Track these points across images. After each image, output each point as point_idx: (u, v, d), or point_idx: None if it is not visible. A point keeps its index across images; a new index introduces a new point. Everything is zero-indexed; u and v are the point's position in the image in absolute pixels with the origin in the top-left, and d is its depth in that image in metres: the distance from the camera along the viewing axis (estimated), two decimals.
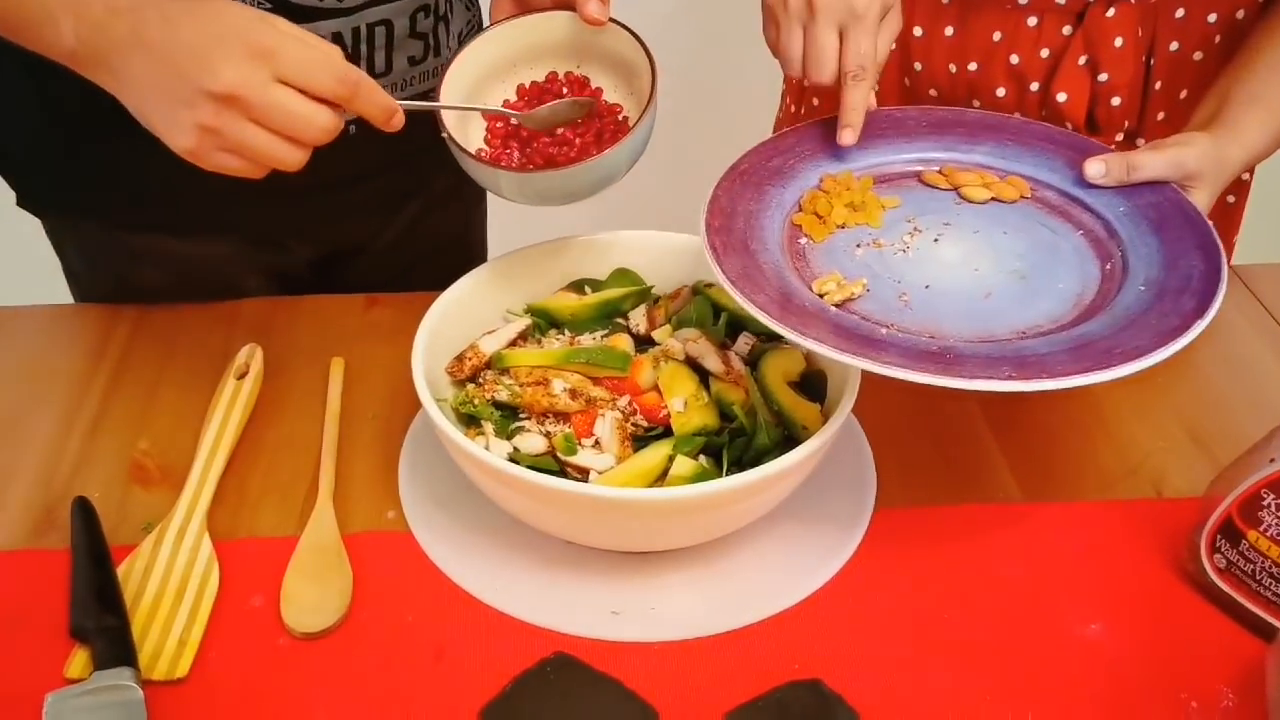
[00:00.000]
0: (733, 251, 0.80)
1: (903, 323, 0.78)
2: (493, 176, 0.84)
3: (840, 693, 0.72)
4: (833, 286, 0.79)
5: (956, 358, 0.73)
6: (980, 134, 0.95)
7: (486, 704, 0.72)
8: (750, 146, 0.92)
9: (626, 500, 0.73)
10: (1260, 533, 0.74)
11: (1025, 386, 0.69)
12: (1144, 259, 0.82)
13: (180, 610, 0.76)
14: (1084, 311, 0.79)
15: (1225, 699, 0.73)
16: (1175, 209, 0.85)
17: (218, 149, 0.71)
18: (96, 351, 0.98)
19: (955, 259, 0.84)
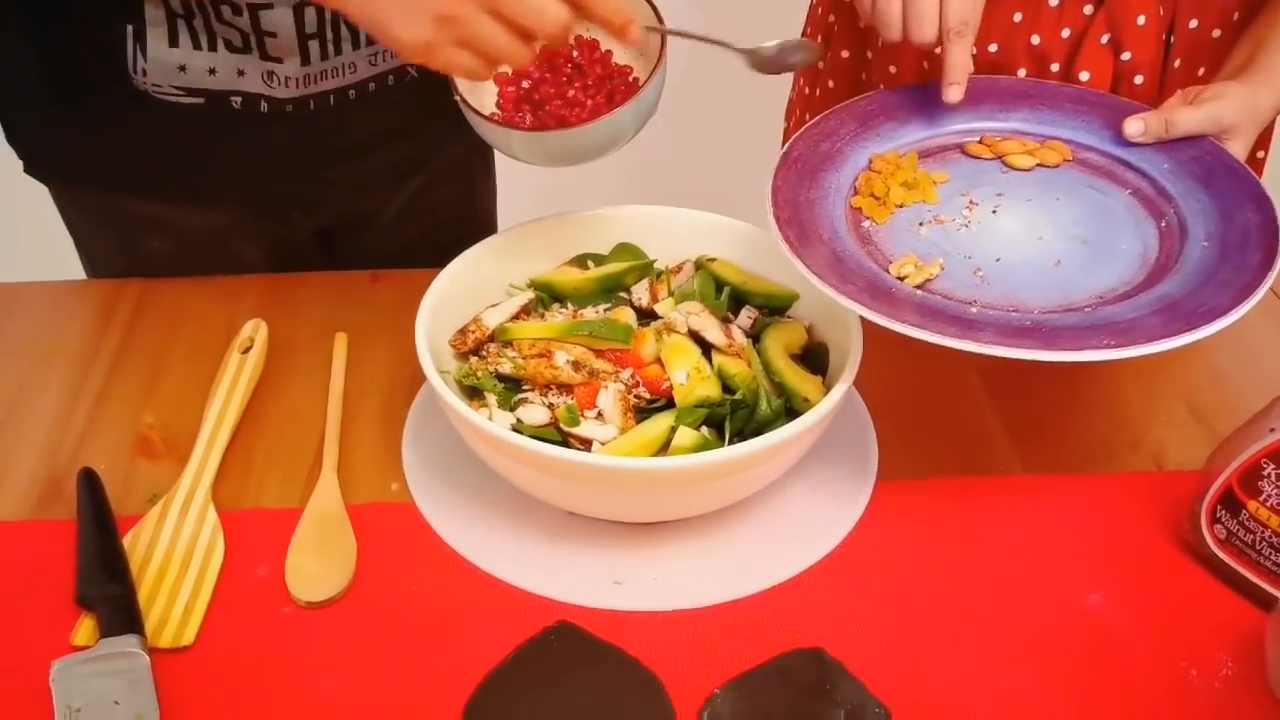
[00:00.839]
0: (809, 243, 0.80)
1: (984, 298, 0.79)
2: (505, 137, 0.84)
3: (841, 661, 0.73)
4: (911, 269, 0.81)
5: (1052, 330, 0.75)
6: (1014, 101, 0.96)
7: (490, 672, 0.72)
8: (757, 124, 0.93)
9: (629, 469, 0.73)
10: (1260, 503, 0.74)
11: (1128, 353, 0.72)
12: (1198, 214, 0.84)
13: (186, 579, 0.76)
14: (1152, 271, 0.82)
15: (1224, 668, 0.73)
16: (1219, 164, 0.88)
17: (452, 42, 0.72)
18: (101, 326, 0.98)
19: (1016, 229, 0.86)
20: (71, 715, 0.68)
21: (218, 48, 0.93)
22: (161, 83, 0.94)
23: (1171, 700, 0.72)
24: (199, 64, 0.93)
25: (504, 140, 0.84)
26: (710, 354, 0.83)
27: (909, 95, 0.95)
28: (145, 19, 0.91)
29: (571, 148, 0.83)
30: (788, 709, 0.70)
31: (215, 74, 0.94)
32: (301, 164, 1.00)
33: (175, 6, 0.90)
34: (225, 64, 0.94)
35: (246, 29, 0.91)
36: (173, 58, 0.93)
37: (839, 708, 0.70)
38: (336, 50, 0.95)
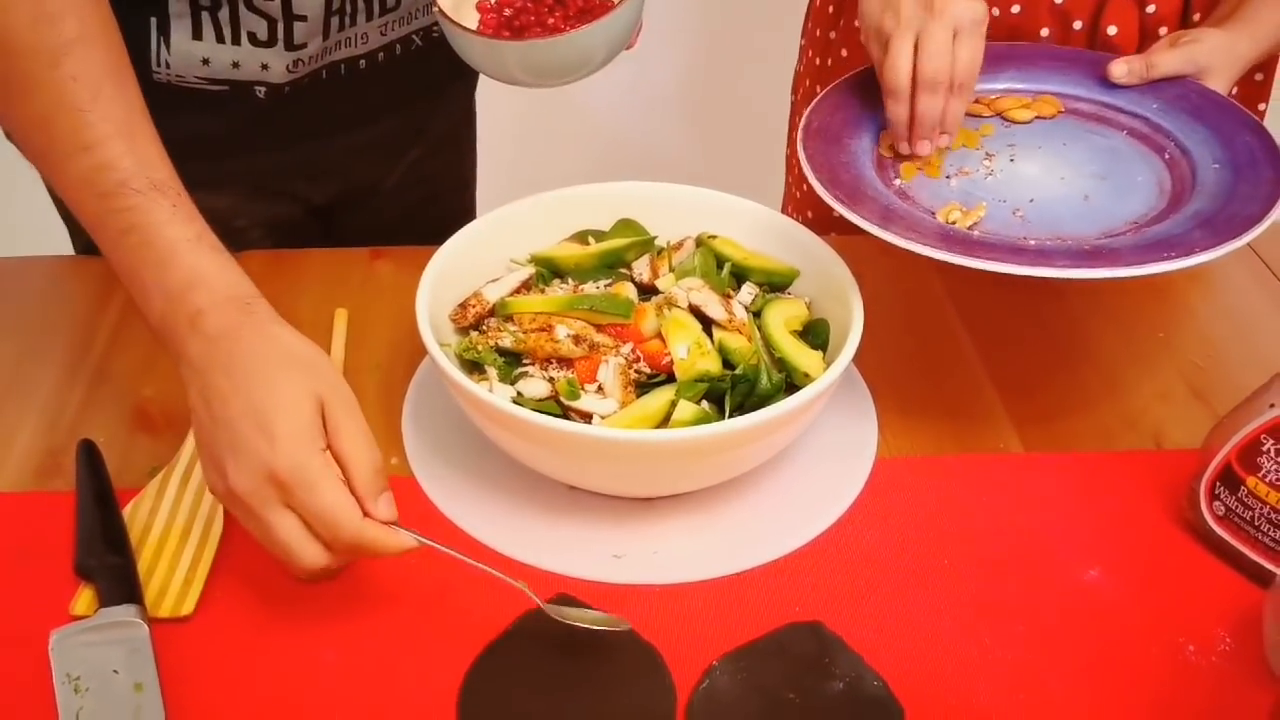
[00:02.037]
0: (861, 201, 0.83)
1: (1032, 234, 0.83)
2: (485, 48, 0.84)
3: (840, 634, 0.73)
4: (958, 214, 0.84)
5: (1114, 252, 0.79)
6: (999, 63, 0.99)
7: (488, 644, 0.72)
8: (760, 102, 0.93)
9: (629, 442, 0.73)
10: (1259, 478, 0.74)
11: (1191, 261, 0.76)
12: (1200, 143, 0.90)
13: (185, 550, 0.76)
14: (1174, 196, 0.86)
15: (1222, 643, 0.74)
16: (1206, 99, 0.93)
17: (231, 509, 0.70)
18: (100, 301, 0.98)
19: (1037, 174, 0.90)
20: (70, 684, 0.68)
21: (241, 41, 0.92)
22: (185, 74, 0.93)
23: (1169, 675, 0.72)
24: (223, 57, 0.93)
25: (484, 52, 0.85)
26: (711, 329, 0.83)
27: None
28: (169, 11, 0.90)
29: (540, 62, 0.84)
30: (786, 681, 0.70)
31: (239, 67, 0.94)
32: (310, 135, 1.00)
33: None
34: (249, 57, 0.94)
35: (276, 14, 0.90)
36: (196, 50, 0.92)
37: (837, 680, 0.70)
38: (352, 21, 0.95)
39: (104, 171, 0.71)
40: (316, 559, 0.68)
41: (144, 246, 0.71)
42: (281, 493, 0.66)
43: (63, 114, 0.71)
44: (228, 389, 0.68)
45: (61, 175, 0.72)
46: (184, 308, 0.70)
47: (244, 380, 0.68)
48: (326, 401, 0.68)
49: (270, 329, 0.70)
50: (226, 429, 0.67)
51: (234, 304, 0.71)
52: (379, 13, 0.97)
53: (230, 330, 0.69)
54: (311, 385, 0.68)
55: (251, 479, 0.66)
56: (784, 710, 0.69)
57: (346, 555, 0.69)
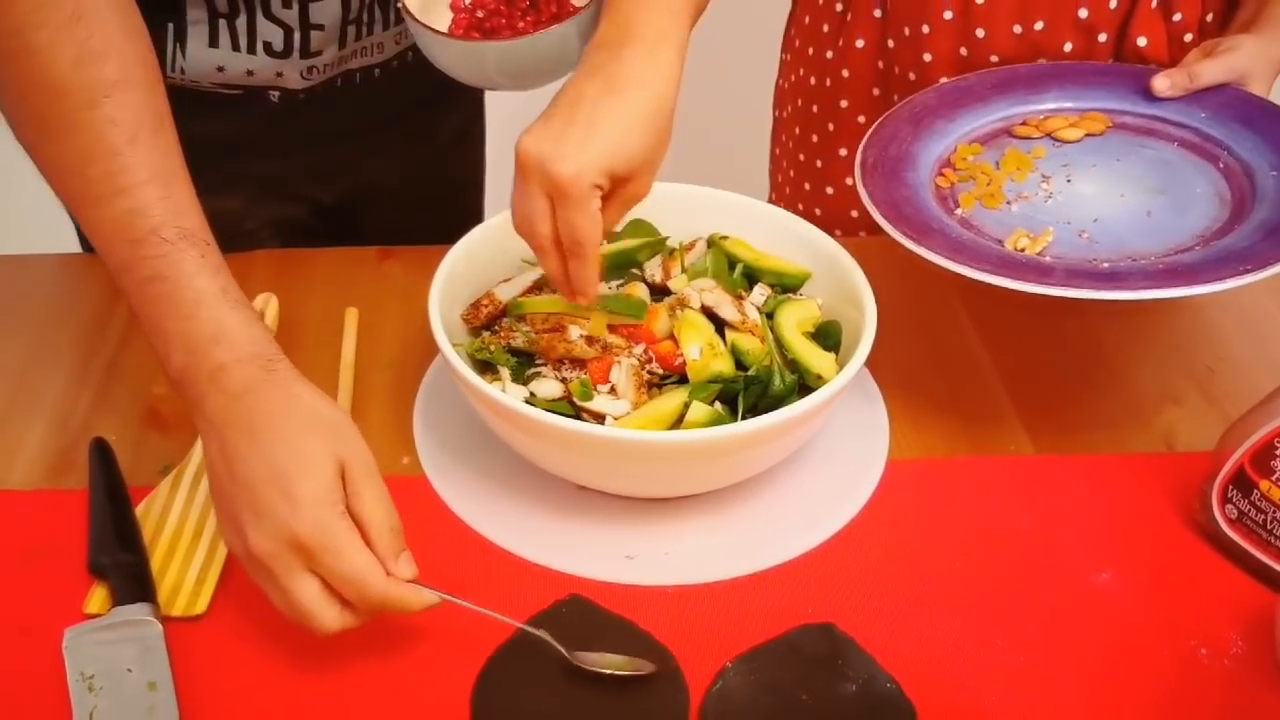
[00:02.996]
0: (928, 234, 0.83)
1: (1102, 255, 0.83)
2: (464, 51, 0.84)
3: (852, 636, 0.73)
4: (1026, 241, 0.84)
5: (1188, 269, 0.79)
6: (1043, 83, 1.00)
7: (501, 644, 0.72)
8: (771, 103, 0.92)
9: (643, 443, 0.73)
10: (1273, 482, 0.74)
11: (1263, 274, 0.76)
12: (1253, 150, 0.90)
13: (198, 549, 0.77)
14: (1234, 206, 0.86)
15: (1234, 646, 0.74)
16: (1253, 105, 0.93)
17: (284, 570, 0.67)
18: (111, 298, 0.98)
19: (1096, 192, 0.90)
20: (84, 682, 0.68)
21: (256, 50, 0.92)
22: (200, 79, 0.93)
23: (1181, 678, 0.72)
24: (238, 65, 0.93)
25: (454, 54, 0.84)
26: (724, 331, 0.83)
27: (944, 94, 1.00)
28: (187, 19, 0.90)
29: (520, 61, 0.83)
30: (799, 683, 0.70)
31: (253, 74, 0.94)
32: (322, 140, 1.00)
33: (220, 6, 0.90)
34: (264, 66, 0.94)
35: (293, 24, 0.90)
36: (211, 58, 0.92)
37: (850, 682, 0.70)
38: (369, 31, 0.95)
39: (136, 217, 0.70)
40: (336, 622, 0.67)
41: (169, 297, 0.70)
42: (304, 557, 0.65)
43: (99, 157, 0.70)
44: (247, 448, 0.67)
45: (93, 218, 0.71)
46: (206, 362, 0.69)
47: (266, 440, 0.66)
48: (347, 464, 0.67)
49: (293, 388, 0.69)
50: (246, 489, 0.66)
51: (257, 361, 0.69)
52: (395, 22, 0.97)
53: (252, 388, 0.68)
54: (333, 447, 0.67)
55: (273, 542, 0.65)
56: (797, 711, 0.69)
57: (370, 615, 0.68)
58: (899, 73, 1.12)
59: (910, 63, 1.10)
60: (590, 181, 0.72)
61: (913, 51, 1.10)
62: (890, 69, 1.13)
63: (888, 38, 1.12)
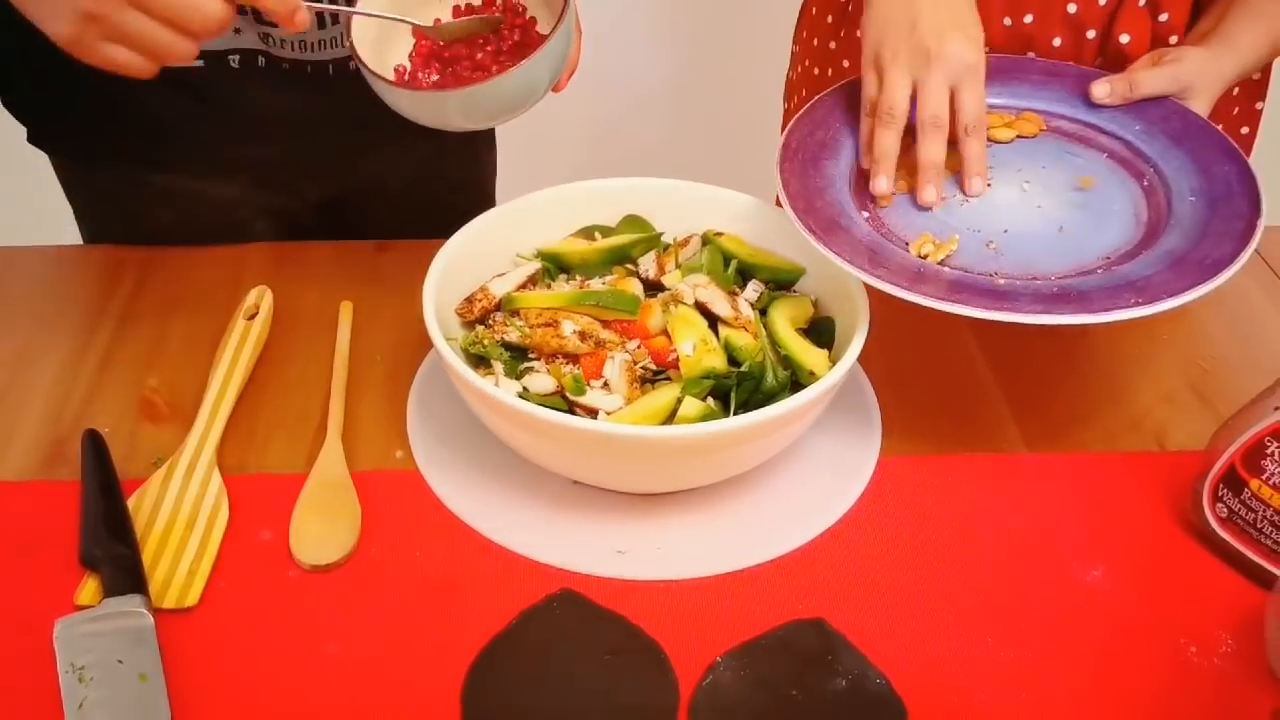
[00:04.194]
0: (832, 231, 0.82)
1: (1004, 269, 0.82)
2: (395, 96, 0.81)
3: (843, 632, 0.73)
4: (930, 247, 0.83)
5: (1080, 295, 0.77)
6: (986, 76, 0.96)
7: (492, 638, 0.72)
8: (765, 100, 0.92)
9: (635, 437, 0.73)
10: (1263, 481, 0.75)
11: (1156, 308, 0.75)
12: (1178, 171, 0.88)
13: (190, 541, 0.77)
14: (1148, 229, 0.85)
15: (1224, 645, 0.74)
16: (1187, 122, 0.92)
17: (102, 38, 0.68)
18: (105, 291, 0.98)
19: (1014, 200, 0.89)
20: (75, 673, 0.68)
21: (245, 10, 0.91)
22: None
23: (1171, 676, 0.72)
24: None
25: (398, 100, 0.81)
26: (717, 326, 0.83)
27: None
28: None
29: (483, 104, 0.81)
30: (789, 678, 0.71)
31: (239, 33, 0.93)
32: (304, 132, 1.00)
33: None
34: (248, 26, 0.93)
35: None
36: None
37: (840, 678, 0.71)
38: (334, 20, 0.95)
39: None
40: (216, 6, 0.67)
41: None
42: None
43: None
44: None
45: None
46: None
47: None
48: None
49: None
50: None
51: None
52: None
53: None
54: None
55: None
56: (786, 707, 0.69)
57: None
58: None
59: None
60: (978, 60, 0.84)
61: None
62: None
63: None
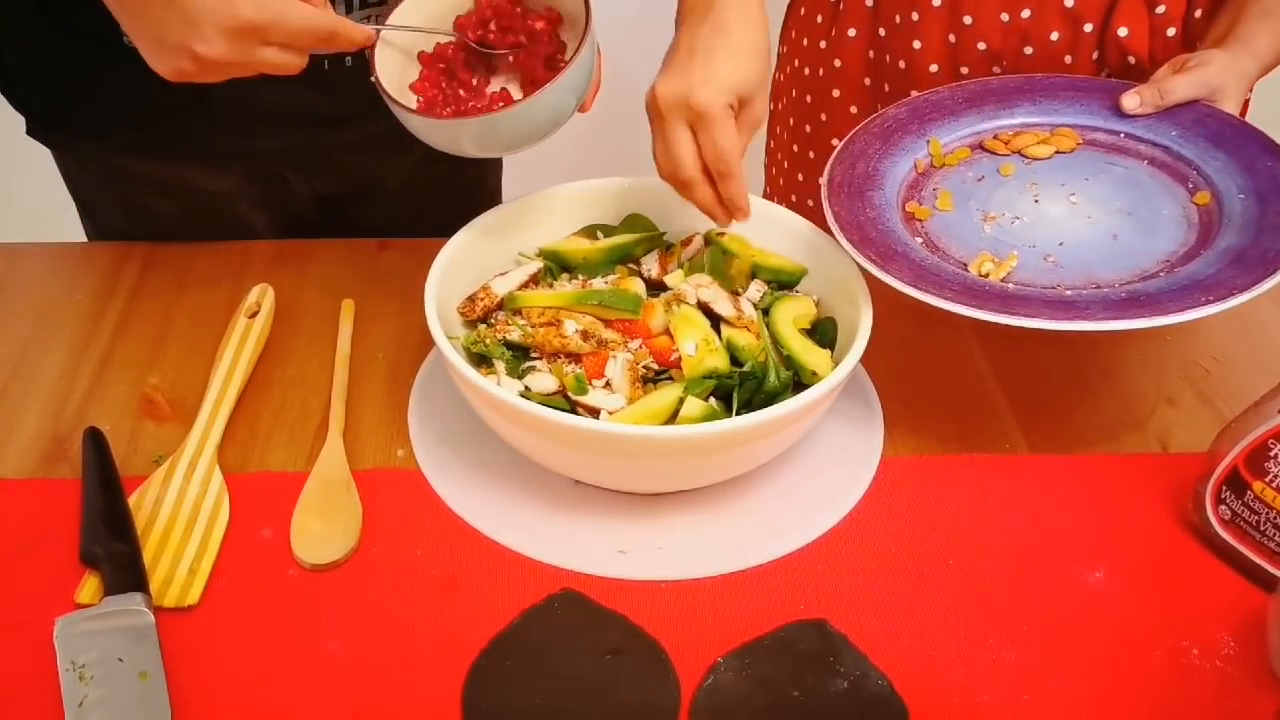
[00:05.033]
0: (891, 259, 0.82)
1: (1066, 281, 0.82)
2: (423, 127, 0.80)
3: (844, 633, 0.73)
4: (990, 265, 0.83)
5: (1150, 298, 0.78)
6: (1014, 97, 0.99)
7: (493, 638, 0.72)
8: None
9: (637, 437, 0.73)
10: (1266, 483, 0.74)
11: (1225, 305, 0.75)
12: (1221, 171, 0.88)
13: (191, 540, 0.76)
14: (1201, 229, 0.85)
15: (1226, 647, 0.74)
16: (1222, 123, 0.92)
17: (198, 81, 0.74)
18: (107, 288, 0.98)
19: (1064, 213, 0.89)
20: (75, 671, 0.68)
21: None
22: None
23: (1172, 678, 0.72)
24: None
25: (430, 130, 0.80)
26: (719, 326, 0.83)
27: (915, 108, 0.98)
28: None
29: (500, 133, 0.79)
30: (790, 679, 0.70)
31: None
32: (301, 125, 1.00)
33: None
34: None
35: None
36: None
37: (841, 678, 0.70)
38: (347, 9, 0.95)
39: None
40: (300, 64, 0.75)
41: None
42: (259, 36, 0.71)
43: None
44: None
45: None
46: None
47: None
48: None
49: None
50: (176, 9, 0.69)
51: None
52: (359, 5, 0.96)
53: None
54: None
55: (227, 37, 0.70)
56: (788, 707, 0.69)
57: (325, 49, 0.75)
58: (890, 61, 1.12)
59: (900, 50, 1.11)
60: (725, 101, 0.79)
61: (903, 39, 1.10)
62: (881, 58, 1.13)
63: (879, 26, 1.12)
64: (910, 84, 1.11)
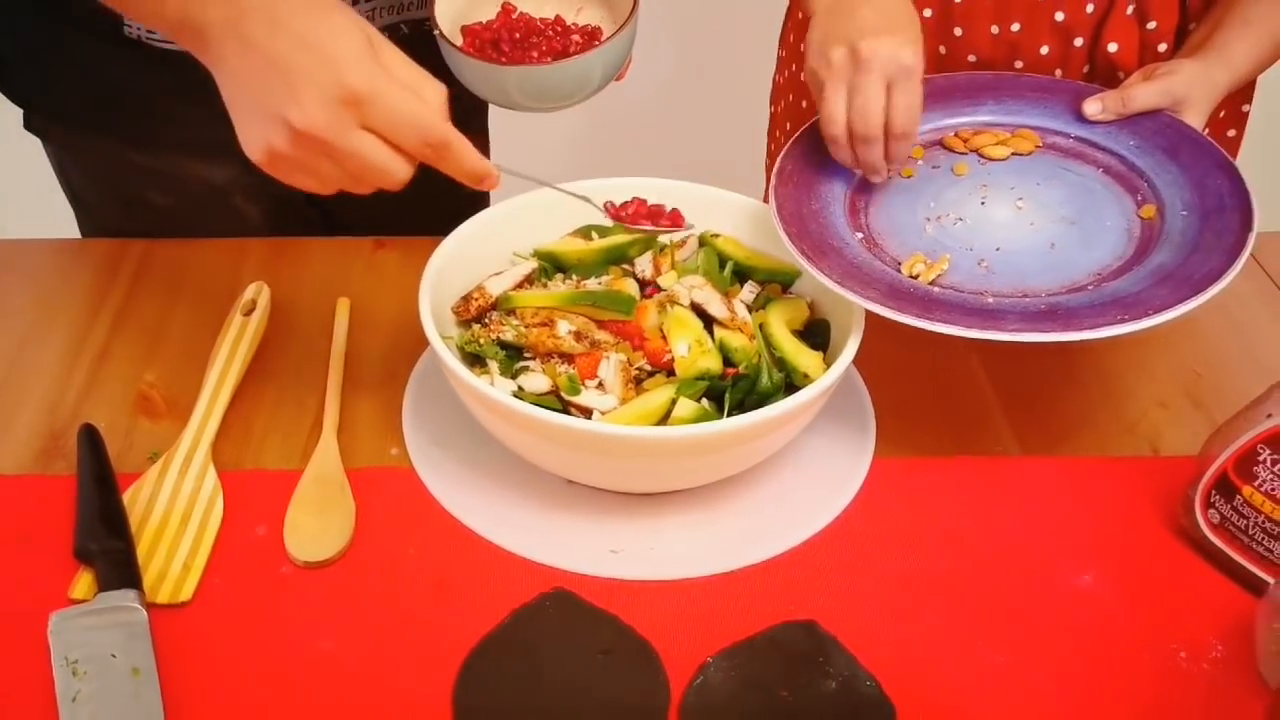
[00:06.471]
0: (824, 254, 0.83)
1: (994, 287, 0.82)
2: (492, 73, 0.87)
3: (834, 634, 0.73)
4: (921, 267, 0.83)
5: (1068, 312, 0.78)
6: (979, 94, 0.98)
7: (484, 636, 0.73)
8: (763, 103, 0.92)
9: (629, 438, 0.73)
10: (1255, 488, 0.75)
11: (1142, 325, 0.75)
12: (1171, 185, 0.88)
13: (185, 536, 0.77)
14: (1140, 244, 0.85)
15: (1214, 650, 0.74)
16: (1181, 135, 0.91)
17: (288, 169, 0.70)
18: (103, 285, 0.99)
19: (1008, 218, 0.89)
20: (69, 667, 0.68)
21: None
22: (155, 30, 0.93)
23: (1161, 681, 0.72)
24: None
25: (488, 76, 0.87)
26: (712, 328, 0.84)
27: None
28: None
29: (541, 86, 0.87)
30: (779, 679, 0.71)
31: None
32: None
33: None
34: None
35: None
36: None
37: (830, 679, 0.71)
38: None
39: None
40: (405, 168, 0.68)
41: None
42: (358, 111, 0.65)
43: None
44: (269, 31, 0.65)
45: None
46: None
47: (288, 17, 0.66)
48: (370, 36, 0.68)
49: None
50: (278, 68, 0.65)
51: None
52: None
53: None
54: (355, 18, 0.68)
55: (326, 105, 0.65)
56: (777, 707, 0.69)
57: (432, 156, 0.69)
58: None
59: None
60: (923, 63, 0.83)
61: None
62: None
63: None
64: None
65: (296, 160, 0.68)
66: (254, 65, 0.66)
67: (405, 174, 0.69)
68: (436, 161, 0.70)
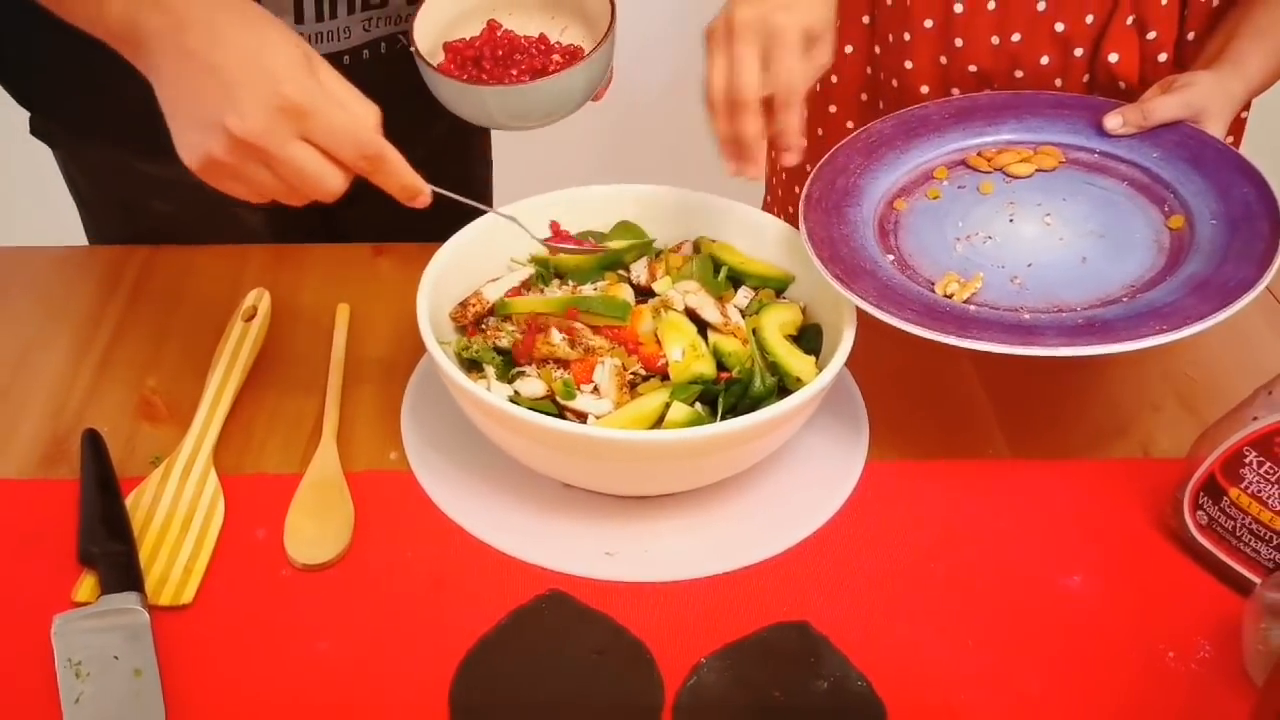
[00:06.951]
0: (857, 277, 0.83)
1: (1029, 304, 0.83)
2: (467, 92, 0.88)
3: (826, 635, 0.74)
4: (955, 286, 0.84)
5: (1105, 325, 0.78)
6: (1000, 114, 0.99)
7: (481, 638, 0.74)
8: None
9: (623, 442, 0.74)
10: (1241, 490, 0.76)
11: (1182, 334, 0.76)
12: (1197, 195, 0.89)
13: (186, 540, 0.78)
14: (1170, 254, 0.86)
15: (1202, 650, 0.75)
16: (1202, 145, 0.92)
17: (225, 176, 0.71)
18: (106, 291, 1.00)
19: (1036, 234, 0.89)
20: (71, 668, 0.69)
21: None
22: (93, 34, 0.94)
23: (1149, 681, 0.73)
24: None
25: (469, 96, 0.89)
26: (706, 333, 0.84)
27: (902, 122, 1.00)
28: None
29: (518, 105, 0.88)
30: (772, 680, 0.72)
31: None
32: None
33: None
34: None
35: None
36: None
37: (822, 679, 0.72)
38: (332, 13, 0.96)
39: None
40: (340, 179, 0.70)
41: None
42: (295, 121, 0.67)
43: None
44: (209, 42, 0.67)
45: None
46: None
47: (227, 28, 0.67)
48: (307, 53, 0.69)
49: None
50: (217, 78, 0.66)
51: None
52: (361, 7, 0.97)
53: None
54: (292, 36, 0.69)
55: (265, 114, 0.66)
56: (769, 708, 0.70)
57: (367, 169, 0.71)
58: (884, 79, 1.13)
59: (894, 69, 1.12)
60: (802, 29, 0.80)
61: (896, 58, 1.11)
62: (877, 75, 1.14)
63: (875, 44, 1.13)
64: (904, 103, 1.12)
65: (232, 168, 0.69)
66: (194, 73, 0.68)
67: (340, 185, 0.71)
68: (371, 174, 0.72)
